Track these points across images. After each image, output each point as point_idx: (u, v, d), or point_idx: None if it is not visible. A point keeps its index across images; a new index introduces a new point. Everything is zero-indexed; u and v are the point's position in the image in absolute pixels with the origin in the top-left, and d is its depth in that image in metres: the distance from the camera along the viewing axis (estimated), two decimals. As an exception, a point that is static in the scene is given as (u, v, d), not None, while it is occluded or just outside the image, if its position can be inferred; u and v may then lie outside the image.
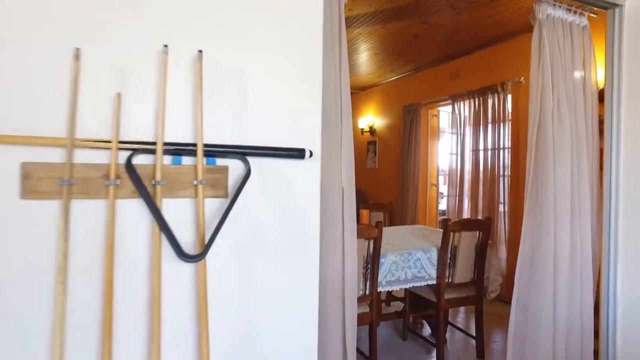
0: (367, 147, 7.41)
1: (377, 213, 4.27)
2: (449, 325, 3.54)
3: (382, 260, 2.85)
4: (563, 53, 2.43)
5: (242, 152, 1.34)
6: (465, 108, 4.97)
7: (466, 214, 5.10)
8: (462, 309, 4.23)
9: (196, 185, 1.27)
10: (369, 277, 2.77)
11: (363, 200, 7.28)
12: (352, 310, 2.02)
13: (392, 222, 4.35)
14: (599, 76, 2.68)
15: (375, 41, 4.82)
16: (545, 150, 2.34)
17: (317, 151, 1.55)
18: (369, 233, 2.70)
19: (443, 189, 6.52)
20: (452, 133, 5.32)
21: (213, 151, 1.29)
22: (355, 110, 7.84)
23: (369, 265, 2.75)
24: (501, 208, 4.57)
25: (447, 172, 5.37)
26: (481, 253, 3.13)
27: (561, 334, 2.37)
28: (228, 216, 1.26)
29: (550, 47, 2.32)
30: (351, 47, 5.04)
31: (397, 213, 6.27)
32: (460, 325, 3.80)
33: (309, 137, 1.55)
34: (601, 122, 2.61)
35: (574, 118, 2.46)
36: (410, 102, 6.08)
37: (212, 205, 1.35)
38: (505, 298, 4.34)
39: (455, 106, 5.11)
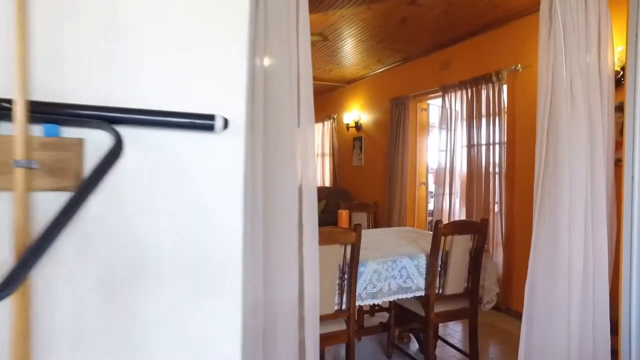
0: (353, 143, 7.00)
1: (360, 214, 3.85)
2: (439, 340, 3.14)
3: (361, 269, 2.43)
4: (576, 25, 2.03)
5: (108, 117, 0.83)
6: (457, 100, 4.59)
7: (456, 215, 4.72)
8: (453, 319, 3.84)
9: (16, 169, 0.78)
10: (345, 289, 2.35)
11: (348, 200, 6.88)
12: (315, 350, 1.59)
13: (377, 224, 3.94)
14: (613, 57, 2.30)
15: (359, 26, 4.41)
16: (559, 140, 1.95)
17: (239, 122, 1.05)
18: (345, 238, 2.28)
19: (433, 187, 6.13)
20: (442, 128, 4.93)
21: (53, 113, 0.79)
22: (341, 105, 7.43)
23: (346, 276, 2.34)
24: (496, 208, 4.20)
25: (436, 170, 4.99)
26: (476, 259, 2.73)
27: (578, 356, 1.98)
28: (82, 222, 0.80)
29: (563, 13, 1.93)
30: (334, 33, 4.62)
31: (384, 214, 5.87)
32: (452, 340, 3.41)
33: (226, 101, 1.03)
34: (618, 110, 2.23)
35: (587, 103, 2.07)
36: (398, 94, 5.68)
37: (53, 204, 0.81)
38: (502, 307, 3.97)
39: (446, 98, 4.72)
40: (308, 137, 1.60)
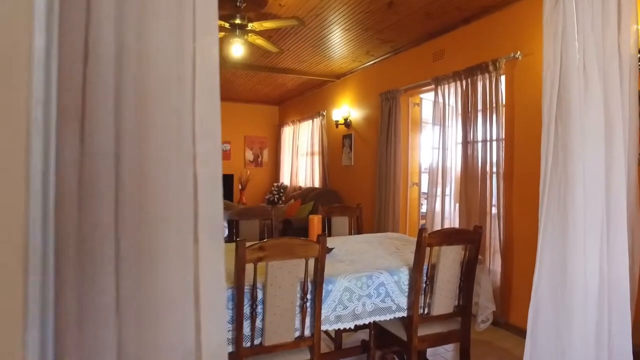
0: (343, 141, 6.60)
1: (341, 219, 3.45)
2: (427, 364, 2.74)
3: (329, 287, 2.03)
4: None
5: None
6: (451, 92, 4.18)
7: (450, 218, 4.31)
8: (445, 336, 3.42)
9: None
10: (308, 311, 1.94)
11: (337, 202, 6.47)
12: None
13: (361, 230, 3.53)
14: (638, 35, 1.89)
15: (343, 11, 4.00)
16: (570, 129, 1.55)
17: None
18: (306, 251, 1.87)
19: (426, 188, 5.73)
20: (435, 124, 4.53)
21: None
22: (330, 101, 7.03)
23: (308, 296, 1.93)
24: (493, 210, 3.80)
25: (429, 169, 4.58)
26: (468, 273, 2.33)
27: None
28: None
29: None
30: (315, 19, 4.22)
31: (373, 217, 5.47)
32: (442, 361, 3.00)
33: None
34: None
35: (603, 88, 1.67)
36: (388, 88, 5.28)
37: None
38: (499, 321, 3.56)
39: (439, 90, 4.31)
40: (213, 103, 1.15)
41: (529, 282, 3.09)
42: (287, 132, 8.86)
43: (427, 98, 5.24)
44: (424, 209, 5.54)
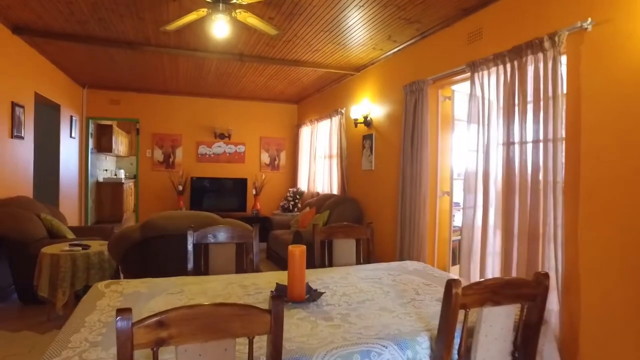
0: (362, 142, 5.79)
1: (346, 242, 2.65)
2: None
3: (296, 377, 1.25)
4: None
5: None
6: (491, 80, 3.31)
7: (493, 236, 3.43)
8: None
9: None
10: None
11: (357, 212, 5.67)
12: None
13: (373, 256, 2.73)
14: None
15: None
16: None
17: None
18: (248, 325, 1.10)
19: (459, 197, 4.84)
20: (471, 121, 3.66)
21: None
22: (349, 97, 6.23)
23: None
24: (548, 231, 2.89)
25: (465, 176, 3.72)
26: (527, 346, 1.50)
27: None
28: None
29: None
30: (323, -7, 3.46)
31: (395, 233, 4.63)
32: None
33: None
34: None
35: None
36: (414, 79, 4.44)
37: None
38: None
39: (476, 78, 3.45)
40: None
41: (606, 338, 2.17)
42: (305, 132, 8.13)
43: (460, 90, 4.37)
44: (456, 221, 4.66)
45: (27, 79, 5.00)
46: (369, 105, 5.59)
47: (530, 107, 2.87)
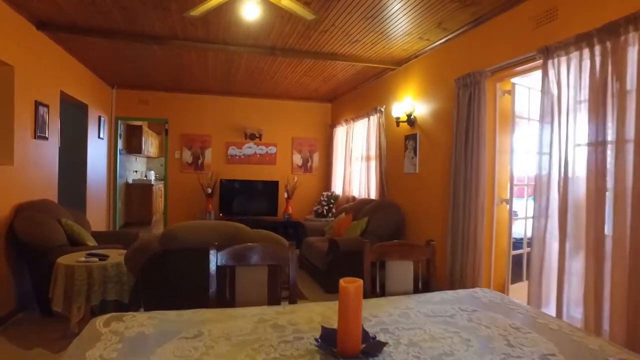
0: (405, 143, 5.28)
1: (402, 264, 2.16)
2: None
3: None
4: None
5: None
6: (572, 68, 2.75)
7: (574, 253, 2.86)
8: None
9: None
10: None
11: (398, 218, 5.17)
12: None
13: (432, 282, 2.24)
14: None
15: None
16: None
17: None
18: None
19: (518, 206, 4.27)
20: (544, 120, 3.10)
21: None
22: (389, 94, 5.73)
23: None
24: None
25: (536, 181, 3.16)
26: None
27: None
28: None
29: None
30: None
31: (444, 246, 4.11)
32: None
33: None
34: None
35: None
36: (468, 70, 3.90)
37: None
38: None
39: (551, 66, 2.90)
40: None
41: None
42: (340, 132, 7.67)
43: (522, 83, 3.81)
44: (516, 232, 4.08)
45: (52, 77, 4.77)
46: (412, 103, 5.07)
47: (632, 98, 2.31)
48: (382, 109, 5.84)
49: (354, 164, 6.92)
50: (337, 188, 7.63)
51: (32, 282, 3.95)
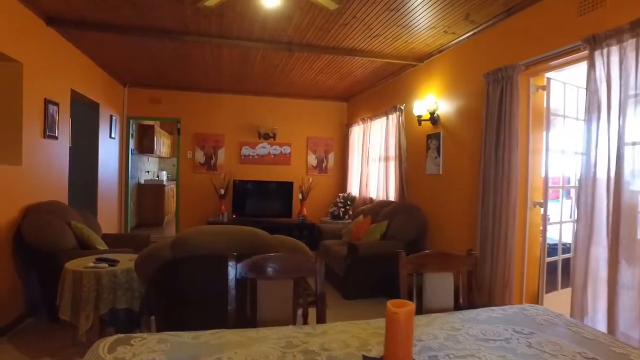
0: (427, 142, 5.03)
1: (441, 276, 1.94)
2: None
3: None
4: None
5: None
6: (627, 59, 2.49)
7: (626, 264, 2.61)
8: None
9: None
10: None
11: (419, 222, 4.93)
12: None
13: (475, 297, 2.01)
14: None
15: None
16: None
17: None
18: None
19: (552, 209, 3.99)
20: (590, 117, 2.85)
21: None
22: (409, 91, 5.49)
23: None
24: None
25: (581, 183, 2.91)
26: None
27: None
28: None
29: None
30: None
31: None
32: None
33: None
34: None
35: None
36: (498, 65, 3.65)
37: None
38: None
39: (599, 57, 2.64)
40: None
41: None
42: (356, 132, 7.44)
43: (556, 78, 3.55)
44: (549, 238, 3.82)
45: (62, 75, 4.63)
46: (435, 100, 4.83)
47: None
48: (402, 107, 5.60)
49: (372, 165, 6.69)
50: (353, 189, 7.40)
51: (40, 287, 3.80)
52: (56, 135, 4.43)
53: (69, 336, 3.29)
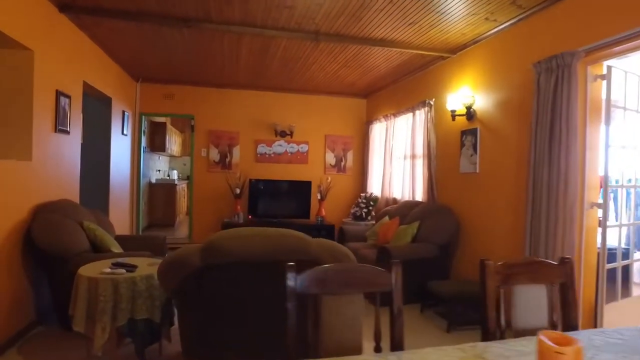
0: (461, 139, 4.71)
1: (532, 289, 1.62)
2: None
3: None
4: None
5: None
6: None
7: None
8: None
9: None
10: None
11: (450, 228, 4.61)
12: None
13: (576, 316, 1.69)
14: None
15: None
16: None
17: None
18: None
19: (612, 212, 3.65)
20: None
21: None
22: (441, 85, 5.17)
23: None
24: None
25: (622, 182, 2.58)
26: None
27: None
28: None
29: None
30: None
31: (513, 256, 3.52)
32: None
33: None
34: None
35: None
36: (553, 52, 3.32)
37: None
38: None
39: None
40: None
41: None
42: (377, 129, 7.13)
43: (616, 66, 3.22)
44: (609, 242, 3.49)
45: (75, 66, 4.35)
46: (472, 93, 4.50)
47: None
48: (432, 102, 5.28)
49: (395, 164, 6.36)
50: (373, 189, 7.08)
51: (51, 292, 3.52)
52: (68, 129, 4.16)
53: (82, 345, 3.01)
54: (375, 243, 5.05)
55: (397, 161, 6.32)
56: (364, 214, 6.39)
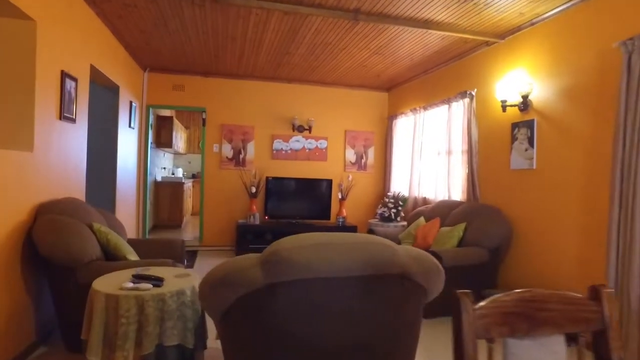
0: (512, 132, 4.22)
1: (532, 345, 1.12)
2: None
3: None
4: None
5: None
6: None
7: None
8: None
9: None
10: None
11: (502, 230, 4.12)
12: None
13: None
14: None
15: None
16: None
17: None
18: None
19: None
20: None
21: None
22: (486, 74, 4.68)
23: None
24: None
25: None
26: None
27: None
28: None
29: None
30: None
31: (606, 276, 3.03)
32: None
33: None
34: None
35: None
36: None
37: None
38: None
39: None
40: None
41: None
42: (402, 124, 6.64)
43: None
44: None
45: (81, 45, 3.82)
46: (528, 80, 4.01)
47: None
48: (473, 93, 4.79)
49: (426, 160, 5.87)
50: (397, 188, 6.59)
51: (55, 307, 2.99)
52: (74, 117, 3.63)
53: (95, 374, 2.48)
54: (419, 248, 4.55)
55: (428, 158, 5.83)
56: (392, 214, 5.89)
